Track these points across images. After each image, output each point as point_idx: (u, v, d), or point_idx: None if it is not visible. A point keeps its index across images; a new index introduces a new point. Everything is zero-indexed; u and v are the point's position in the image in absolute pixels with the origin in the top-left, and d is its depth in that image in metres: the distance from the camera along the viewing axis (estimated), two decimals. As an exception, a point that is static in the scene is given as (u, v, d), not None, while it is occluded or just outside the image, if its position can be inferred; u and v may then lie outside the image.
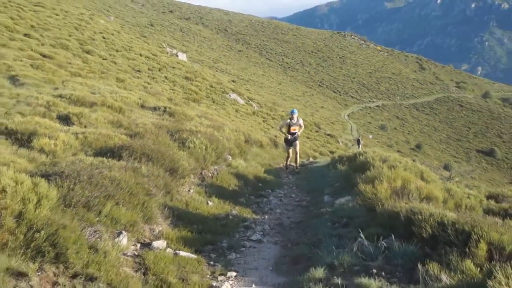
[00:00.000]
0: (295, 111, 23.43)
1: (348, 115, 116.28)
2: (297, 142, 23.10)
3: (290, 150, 23.08)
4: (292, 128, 22.84)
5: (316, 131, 59.12)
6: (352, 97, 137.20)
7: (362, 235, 8.47)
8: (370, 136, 74.84)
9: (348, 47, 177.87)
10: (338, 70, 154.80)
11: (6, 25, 32.13)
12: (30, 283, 5.94)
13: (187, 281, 7.39)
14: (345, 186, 14.47)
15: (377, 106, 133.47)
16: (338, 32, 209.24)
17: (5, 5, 39.41)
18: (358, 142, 53.73)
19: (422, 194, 10.63)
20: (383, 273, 7.40)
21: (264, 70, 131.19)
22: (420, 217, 8.08)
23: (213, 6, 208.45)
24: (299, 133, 23.20)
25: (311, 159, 29.65)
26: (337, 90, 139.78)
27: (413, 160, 21.31)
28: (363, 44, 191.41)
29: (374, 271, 7.46)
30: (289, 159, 23.59)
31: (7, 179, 6.59)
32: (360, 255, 8.00)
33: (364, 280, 7.10)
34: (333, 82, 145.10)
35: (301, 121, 23.51)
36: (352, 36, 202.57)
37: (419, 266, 7.11)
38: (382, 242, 8.13)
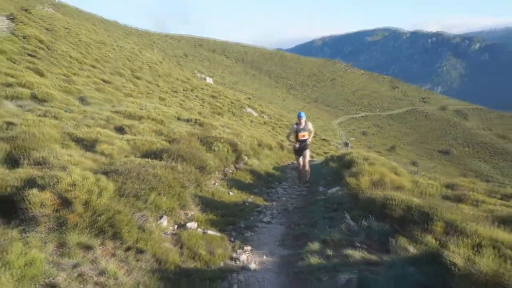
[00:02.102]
0: (302, 114, 16.46)
1: (338, 124, 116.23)
2: (307, 151, 16.54)
3: (300, 160, 16.48)
4: (300, 134, 16.23)
5: (313, 136, 59.11)
6: (340, 110, 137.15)
7: (348, 217, 8.51)
8: (353, 138, 74.67)
9: (337, 72, 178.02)
10: (330, 89, 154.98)
11: (77, 59, 32.38)
12: (95, 254, 6.01)
13: (213, 253, 7.43)
14: (335, 179, 14.47)
15: (360, 116, 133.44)
16: (329, 60, 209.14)
17: (77, 44, 39.86)
18: (347, 144, 53.68)
19: (394, 185, 10.64)
20: (364, 246, 7.46)
21: (272, 90, 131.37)
22: (392, 202, 8.13)
23: (233, 41, 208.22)
24: (309, 140, 16.60)
25: (309, 159, 29.34)
26: (329, 105, 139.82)
27: (388, 159, 21.26)
28: (348, 69, 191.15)
29: (358, 244, 7.50)
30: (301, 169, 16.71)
31: (76, 176, 6.66)
32: (347, 232, 8.04)
33: (350, 251, 7.15)
34: (325, 98, 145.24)
35: (310, 125, 16.59)
36: (340, 63, 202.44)
37: (392, 240, 7.14)
38: (364, 222, 8.16)
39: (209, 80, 70.63)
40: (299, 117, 16.20)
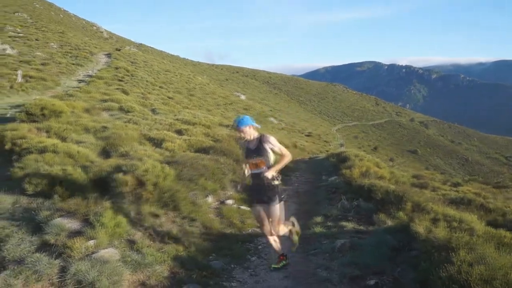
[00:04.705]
0: (245, 120, 5.03)
1: (336, 130, 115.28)
2: (276, 208, 5.07)
3: (261, 215, 5.23)
4: (250, 162, 5.08)
5: (318, 139, 58.76)
6: (338, 119, 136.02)
7: (343, 198, 8.49)
8: (343, 143, 73.62)
9: (336, 92, 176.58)
10: (330, 104, 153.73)
11: (151, 82, 32.95)
12: (161, 220, 6.12)
13: (244, 222, 7.49)
14: (334, 170, 14.37)
15: (352, 125, 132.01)
16: (330, 83, 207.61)
17: (151, 72, 40.59)
18: (342, 145, 53.42)
19: (377, 175, 10.61)
20: (355, 219, 7.50)
21: (288, 104, 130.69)
22: (376, 188, 8.15)
23: (260, 69, 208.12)
24: (268, 173, 4.92)
25: (314, 155, 28.69)
26: (330, 116, 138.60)
27: (372, 156, 20.99)
28: (344, 90, 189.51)
29: (350, 218, 7.53)
30: (269, 235, 5.34)
31: (149, 164, 6.76)
32: (342, 209, 8.06)
33: (344, 223, 7.20)
34: (327, 111, 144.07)
35: (272, 143, 5.00)
36: (338, 85, 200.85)
37: (375, 215, 7.13)
38: (354, 202, 8.18)
39: (243, 97, 70.56)
40: (237, 125, 5.07)
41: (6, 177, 7.01)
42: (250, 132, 5.11)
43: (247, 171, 5.15)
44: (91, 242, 4.85)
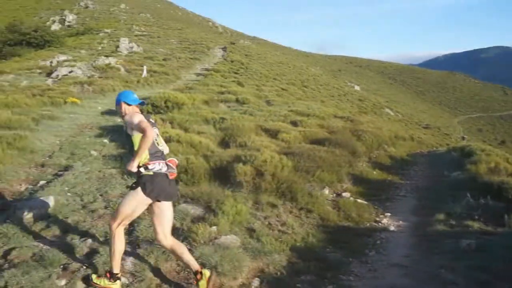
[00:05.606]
0: (118, 96, 3.91)
1: (458, 122, 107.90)
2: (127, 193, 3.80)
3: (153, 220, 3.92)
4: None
5: (437, 131, 55.57)
6: (459, 111, 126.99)
7: (468, 195, 7.92)
8: (465, 137, 68.07)
9: (457, 81, 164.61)
10: (451, 95, 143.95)
11: (264, 74, 33.55)
12: (278, 211, 6.21)
13: (361, 216, 7.29)
14: (457, 165, 13.45)
15: (476, 116, 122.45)
16: (450, 72, 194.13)
17: (264, 64, 41.30)
18: (463, 138, 50.07)
19: (508, 172, 9.72)
20: (481, 219, 6.91)
21: (405, 95, 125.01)
22: (507, 186, 7.50)
23: (375, 58, 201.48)
24: (130, 166, 3.58)
25: (434, 148, 26.83)
26: (450, 107, 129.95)
27: (499, 150, 19.17)
28: (466, 79, 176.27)
29: (476, 217, 6.96)
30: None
31: (266, 155, 6.90)
32: (467, 207, 7.51)
33: (470, 222, 6.72)
34: (447, 102, 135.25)
35: (129, 123, 3.64)
36: (460, 74, 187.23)
37: (506, 216, 6.55)
38: (481, 200, 7.57)
39: (357, 88, 68.91)
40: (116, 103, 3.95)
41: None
42: (125, 111, 3.83)
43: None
44: (214, 228, 5.13)
